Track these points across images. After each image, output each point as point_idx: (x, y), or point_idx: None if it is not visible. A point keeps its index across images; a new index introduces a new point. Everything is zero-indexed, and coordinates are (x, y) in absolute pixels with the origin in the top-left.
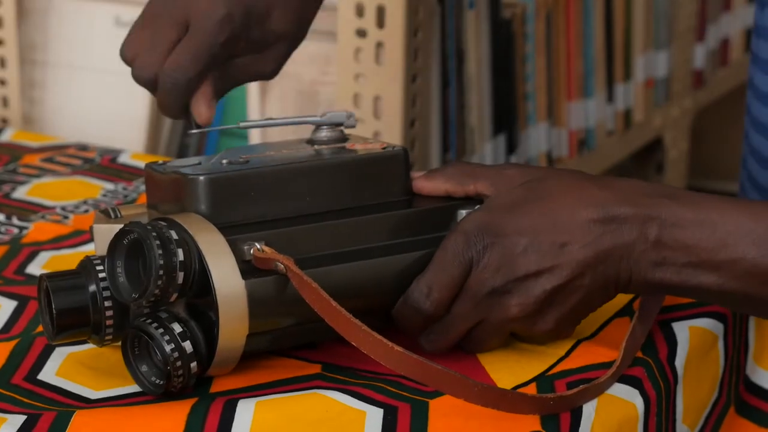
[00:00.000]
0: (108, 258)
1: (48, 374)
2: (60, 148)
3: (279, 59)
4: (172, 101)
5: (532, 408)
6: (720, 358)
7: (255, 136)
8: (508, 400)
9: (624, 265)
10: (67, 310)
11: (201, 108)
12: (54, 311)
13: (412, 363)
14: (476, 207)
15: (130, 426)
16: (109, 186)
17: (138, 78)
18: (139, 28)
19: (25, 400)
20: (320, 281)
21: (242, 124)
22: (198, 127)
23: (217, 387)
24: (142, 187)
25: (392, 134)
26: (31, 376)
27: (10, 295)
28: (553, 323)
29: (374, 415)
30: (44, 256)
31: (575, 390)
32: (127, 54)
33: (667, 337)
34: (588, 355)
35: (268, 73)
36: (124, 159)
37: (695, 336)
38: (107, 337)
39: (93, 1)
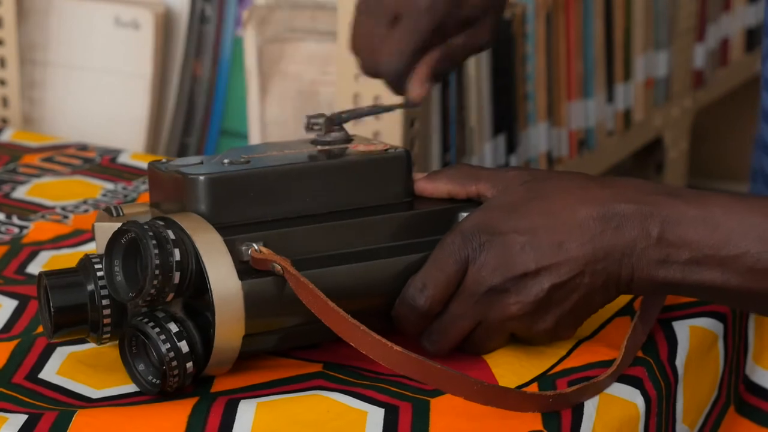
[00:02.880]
0: (105, 257)
1: (49, 373)
2: (60, 148)
3: (493, 28)
4: (393, 87)
5: (532, 406)
6: (720, 357)
7: (255, 137)
8: (508, 398)
9: (626, 263)
10: (66, 308)
11: (413, 87)
12: (52, 309)
13: (411, 362)
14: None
15: (131, 426)
16: (109, 186)
17: (365, 72)
18: (358, 25)
19: (27, 399)
20: (318, 282)
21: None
22: (409, 104)
23: (218, 386)
24: (143, 187)
25: (392, 134)
26: (32, 375)
27: (11, 295)
28: (553, 323)
29: (375, 415)
30: (44, 256)
31: (574, 388)
32: (353, 51)
33: (667, 337)
34: (589, 354)
35: (485, 44)
36: (124, 159)
37: (695, 335)
38: (105, 336)
39: (93, 1)
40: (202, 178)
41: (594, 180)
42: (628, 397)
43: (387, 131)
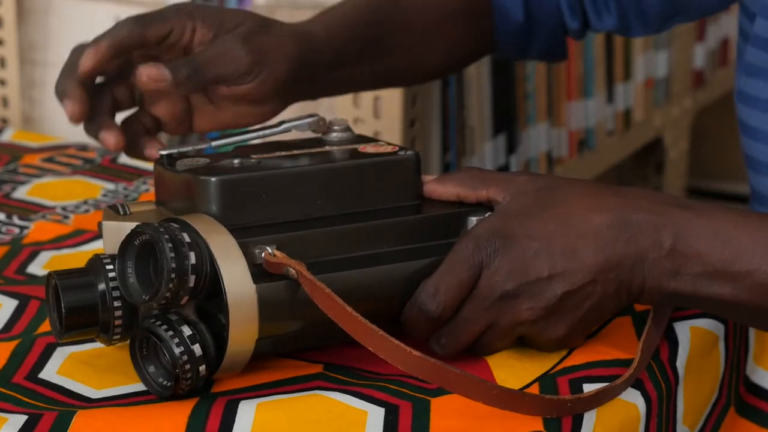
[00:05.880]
0: (119, 258)
1: (49, 373)
2: (60, 148)
3: None
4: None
5: (551, 410)
6: (720, 358)
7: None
8: (527, 403)
9: (637, 272)
10: (76, 308)
11: None
12: (63, 309)
13: (430, 367)
14: (487, 214)
15: (131, 427)
16: (110, 186)
17: None
18: None
19: (26, 399)
20: (330, 286)
21: (214, 144)
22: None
23: (218, 387)
24: (143, 187)
25: (392, 134)
26: (33, 375)
27: (11, 295)
28: (565, 329)
29: (375, 415)
30: (45, 256)
31: (592, 392)
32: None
33: (668, 338)
34: (589, 353)
35: None
36: (124, 159)
37: (696, 336)
38: (115, 337)
39: (93, 1)
40: (213, 179)
41: (606, 188)
42: (628, 398)
43: (387, 131)
